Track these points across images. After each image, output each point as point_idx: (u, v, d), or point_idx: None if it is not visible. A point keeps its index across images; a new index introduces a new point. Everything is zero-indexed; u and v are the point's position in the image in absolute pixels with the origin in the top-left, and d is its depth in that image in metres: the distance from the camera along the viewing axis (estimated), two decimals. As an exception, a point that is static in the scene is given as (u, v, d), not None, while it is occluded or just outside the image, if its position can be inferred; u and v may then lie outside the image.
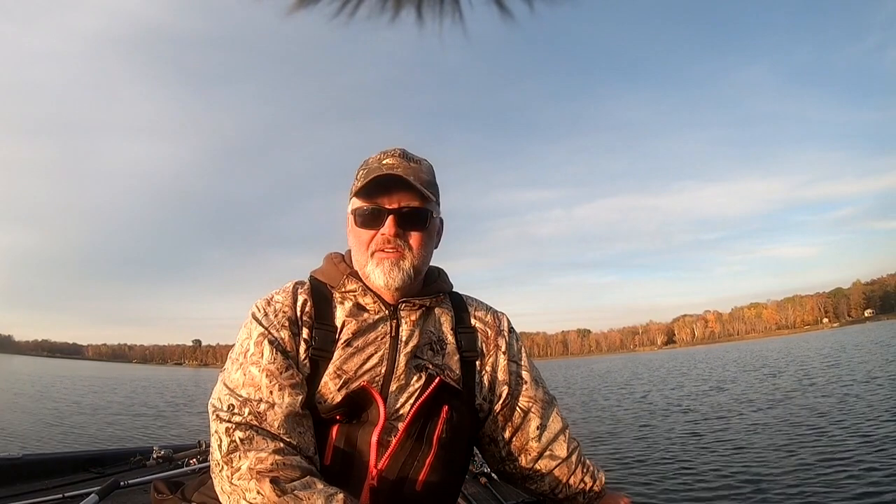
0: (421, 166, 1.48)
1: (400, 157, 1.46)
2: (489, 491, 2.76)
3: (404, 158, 1.46)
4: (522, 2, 0.82)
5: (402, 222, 1.42)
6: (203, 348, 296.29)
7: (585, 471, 1.59)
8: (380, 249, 1.42)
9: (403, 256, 1.42)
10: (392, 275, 1.40)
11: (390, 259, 1.41)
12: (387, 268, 1.41)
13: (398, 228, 1.41)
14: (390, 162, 1.45)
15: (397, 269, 1.41)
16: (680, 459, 8.31)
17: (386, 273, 1.40)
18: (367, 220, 1.43)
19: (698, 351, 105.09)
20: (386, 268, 1.41)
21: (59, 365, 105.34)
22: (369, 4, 0.81)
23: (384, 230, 1.41)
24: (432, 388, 1.38)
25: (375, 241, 1.42)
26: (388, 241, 1.41)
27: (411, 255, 1.43)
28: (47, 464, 3.15)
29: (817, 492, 6.16)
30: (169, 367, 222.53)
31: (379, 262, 1.41)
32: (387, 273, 1.40)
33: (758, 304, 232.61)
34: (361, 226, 1.44)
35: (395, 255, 1.41)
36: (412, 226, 1.44)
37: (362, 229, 1.44)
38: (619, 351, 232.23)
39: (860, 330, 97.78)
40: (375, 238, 1.42)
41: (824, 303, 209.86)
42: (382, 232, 1.42)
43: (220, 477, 1.24)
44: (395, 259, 1.41)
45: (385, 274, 1.40)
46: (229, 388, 1.32)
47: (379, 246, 1.42)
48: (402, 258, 1.42)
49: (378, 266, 1.41)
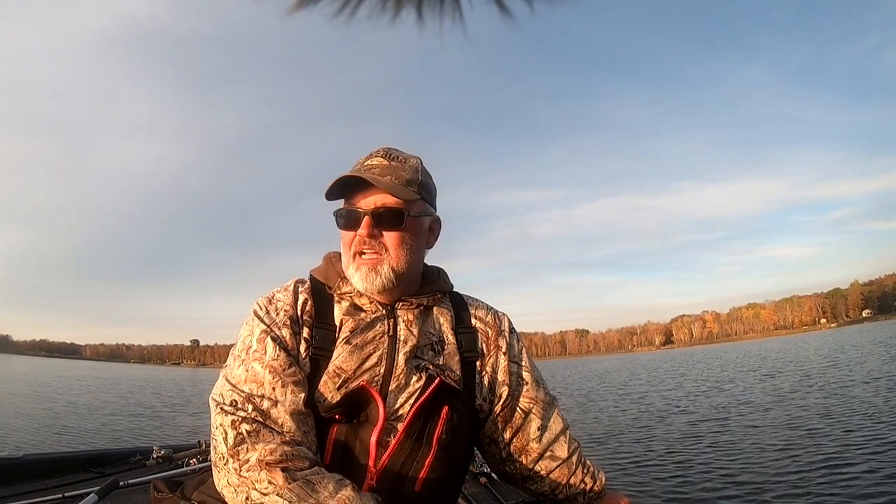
0: (404, 165, 1.48)
1: (383, 157, 1.47)
2: (489, 491, 2.76)
3: (387, 158, 1.47)
4: (522, 2, 0.82)
5: (377, 223, 1.42)
6: (201, 348, 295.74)
7: (586, 471, 1.59)
8: (359, 252, 1.43)
9: (381, 260, 1.43)
10: (369, 279, 1.41)
11: (367, 265, 1.42)
12: (364, 273, 1.42)
13: (373, 229, 1.42)
14: (373, 162, 1.46)
15: (374, 274, 1.41)
16: (677, 461, 8.29)
17: (363, 278, 1.42)
18: (346, 222, 1.46)
19: (696, 351, 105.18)
20: (363, 273, 1.42)
21: (58, 365, 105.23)
22: (370, 4, 0.81)
23: (360, 231, 1.42)
24: (432, 388, 1.38)
25: (355, 242, 1.43)
26: (363, 241, 1.42)
27: (389, 257, 1.43)
28: (47, 464, 3.15)
29: (817, 493, 6.16)
30: (167, 367, 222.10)
31: (358, 268, 1.43)
32: (364, 278, 1.42)
33: (756, 305, 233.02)
34: (343, 227, 1.46)
35: (372, 261, 1.42)
36: (388, 226, 1.44)
37: (344, 230, 1.46)
38: (617, 351, 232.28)
39: (858, 330, 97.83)
40: (356, 240, 1.43)
41: (822, 303, 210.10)
42: (359, 233, 1.42)
43: (227, 470, 1.24)
44: (373, 264, 1.42)
45: (363, 279, 1.42)
46: (232, 383, 1.33)
47: (357, 248, 1.43)
48: (380, 262, 1.42)
49: (357, 271, 1.43)
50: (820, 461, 7.41)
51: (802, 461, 7.51)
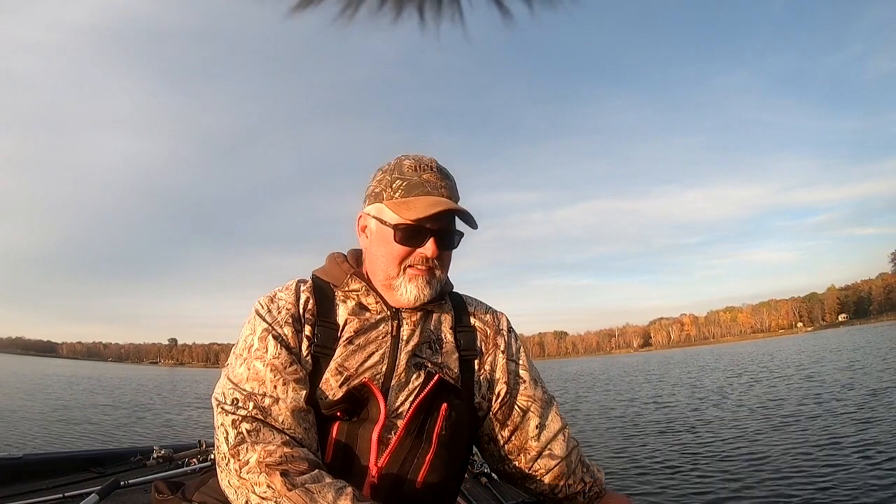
0: (453, 184, 1.49)
1: (437, 173, 1.46)
2: (489, 491, 2.78)
3: (442, 175, 1.47)
4: (522, 3, 0.83)
5: (441, 243, 1.43)
6: (179, 347, 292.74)
7: (585, 470, 1.61)
8: (413, 266, 1.43)
9: (434, 275, 1.45)
10: (425, 292, 1.43)
11: (424, 277, 1.43)
12: (421, 285, 1.43)
13: (439, 250, 1.43)
14: (429, 177, 1.44)
15: (429, 288, 1.44)
16: (672, 464, 8.36)
17: (420, 290, 1.43)
18: (407, 238, 1.42)
19: (674, 354, 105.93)
20: (420, 284, 1.43)
21: (35, 363, 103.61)
22: (370, 5, 0.82)
23: (425, 250, 1.42)
24: (431, 385, 1.40)
25: (413, 258, 1.43)
26: (426, 259, 1.43)
27: (440, 272, 1.47)
28: (47, 464, 3.15)
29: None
30: (144, 366, 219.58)
31: (412, 279, 1.43)
32: (420, 290, 1.43)
33: (733, 308, 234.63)
34: (401, 241, 1.42)
35: (427, 275, 1.44)
36: (448, 246, 1.47)
37: (400, 245, 1.42)
38: (595, 353, 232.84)
39: (834, 334, 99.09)
40: (413, 255, 1.43)
41: (799, 307, 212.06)
42: (423, 252, 1.42)
43: (228, 470, 1.24)
44: (428, 277, 1.44)
45: (419, 290, 1.43)
46: (233, 382, 1.33)
47: (415, 263, 1.43)
48: (434, 277, 1.45)
49: (411, 282, 1.43)
50: (795, 459, 7.56)
51: (783, 462, 7.64)
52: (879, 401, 12.41)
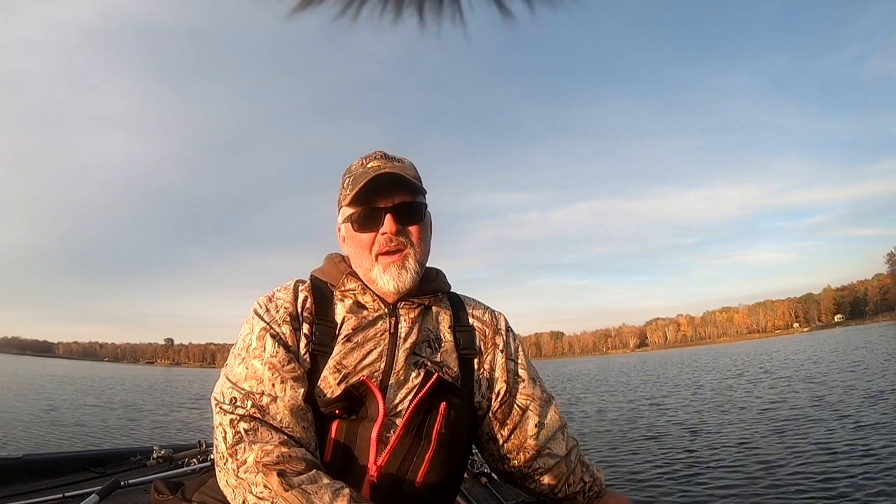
0: (404, 164, 1.51)
1: (383, 159, 1.48)
2: (489, 491, 2.79)
3: (387, 159, 1.49)
4: (523, 3, 0.83)
5: (400, 218, 1.44)
6: (175, 347, 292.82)
7: (584, 469, 1.61)
8: (383, 252, 1.44)
9: (407, 255, 1.45)
10: (401, 278, 1.43)
11: (396, 263, 1.43)
12: (395, 272, 1.43)
13: (398, 225, 1.43)
14: (375, 164, 1.47)
15: (405, 272, 1.43)
16: (670, 464, 8.36)
17: (395, 277, 1.43)
18: (364, 223, 1.45)
19: (670, 354, 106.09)
20: (394, 272, 1.43)
21: (32, 363, 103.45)
22: (371, 5, 0.82)
23: (384, 229, 1.43)
24: (430, 384, 1.40)
25: (377, 242, 1.44)
26: (389, 239, 1.43)
27: (414, 251, 1.46)
28: (47, 464, 3.16)
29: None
30: (140, 366, 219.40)
31: (386, 268, 1.43)
32: (395, 277, 1.43)
33: (729, 309, 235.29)
34: (360, 230, 1.45)
35: (399, 257, 1.44)
36: (410, 220, 1.47)
37: (361, 233, 1.45)
38: (591, 353, 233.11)
39: (830, 335, 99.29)
40: (377, 239, 1.44)
41: (795, 308, 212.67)
42: (383, 231, 1.43)
43: (226, 470, 1.24)
44: (401, 261, 1.44)
45: (394, 279, 1.43)
46: (232, 381, 1.34)
47: (381, 247, 1.44)
48: (406, 257, 1.45)
49: (385, 271, 1.43)
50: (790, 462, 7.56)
51: (780, 462, 7.65)
52: (880, 401, 12.43)
